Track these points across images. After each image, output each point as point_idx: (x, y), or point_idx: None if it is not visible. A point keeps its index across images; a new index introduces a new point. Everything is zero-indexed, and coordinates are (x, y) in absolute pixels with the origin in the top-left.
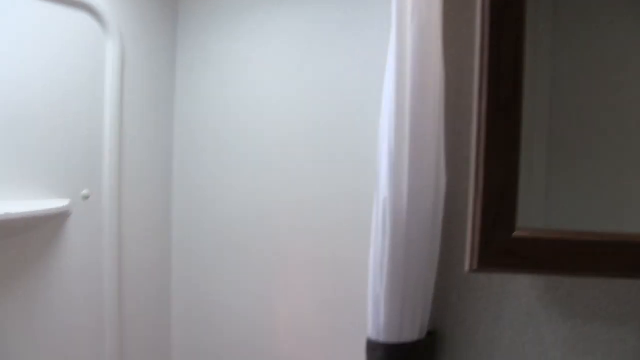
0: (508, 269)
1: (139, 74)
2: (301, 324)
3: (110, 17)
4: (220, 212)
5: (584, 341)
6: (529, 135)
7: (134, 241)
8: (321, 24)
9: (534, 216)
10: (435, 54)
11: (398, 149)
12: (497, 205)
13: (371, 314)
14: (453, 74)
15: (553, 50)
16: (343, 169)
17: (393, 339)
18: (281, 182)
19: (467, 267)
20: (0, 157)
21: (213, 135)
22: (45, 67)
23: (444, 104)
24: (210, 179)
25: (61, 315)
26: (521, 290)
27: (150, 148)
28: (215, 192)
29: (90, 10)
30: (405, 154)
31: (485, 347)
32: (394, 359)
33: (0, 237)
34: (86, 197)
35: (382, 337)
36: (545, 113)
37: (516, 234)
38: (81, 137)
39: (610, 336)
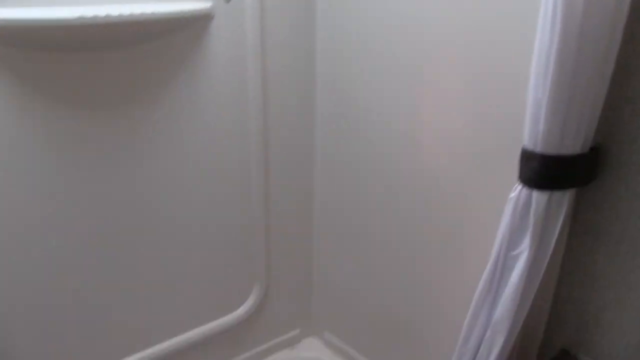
0: None
1: None
2: (450, 133)
3: None
4: (366, 15)
5: None
6: None
7: (278, 45)
8: None
9: None
10: None
11: None
12: None
13: (529, 121)
14: None
15: None
16: None
17: (551, 149)
18: None
19: None
20: None
21: None
22: None
23: None
24: None
25: (207, 117)
26: None
27: None
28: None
29: None
30: None
31: None
32: (550, 172)
33: (145, 38)
34: (228, 0)
35: (539, 147)
36: None
37: None
38: None
39: None
